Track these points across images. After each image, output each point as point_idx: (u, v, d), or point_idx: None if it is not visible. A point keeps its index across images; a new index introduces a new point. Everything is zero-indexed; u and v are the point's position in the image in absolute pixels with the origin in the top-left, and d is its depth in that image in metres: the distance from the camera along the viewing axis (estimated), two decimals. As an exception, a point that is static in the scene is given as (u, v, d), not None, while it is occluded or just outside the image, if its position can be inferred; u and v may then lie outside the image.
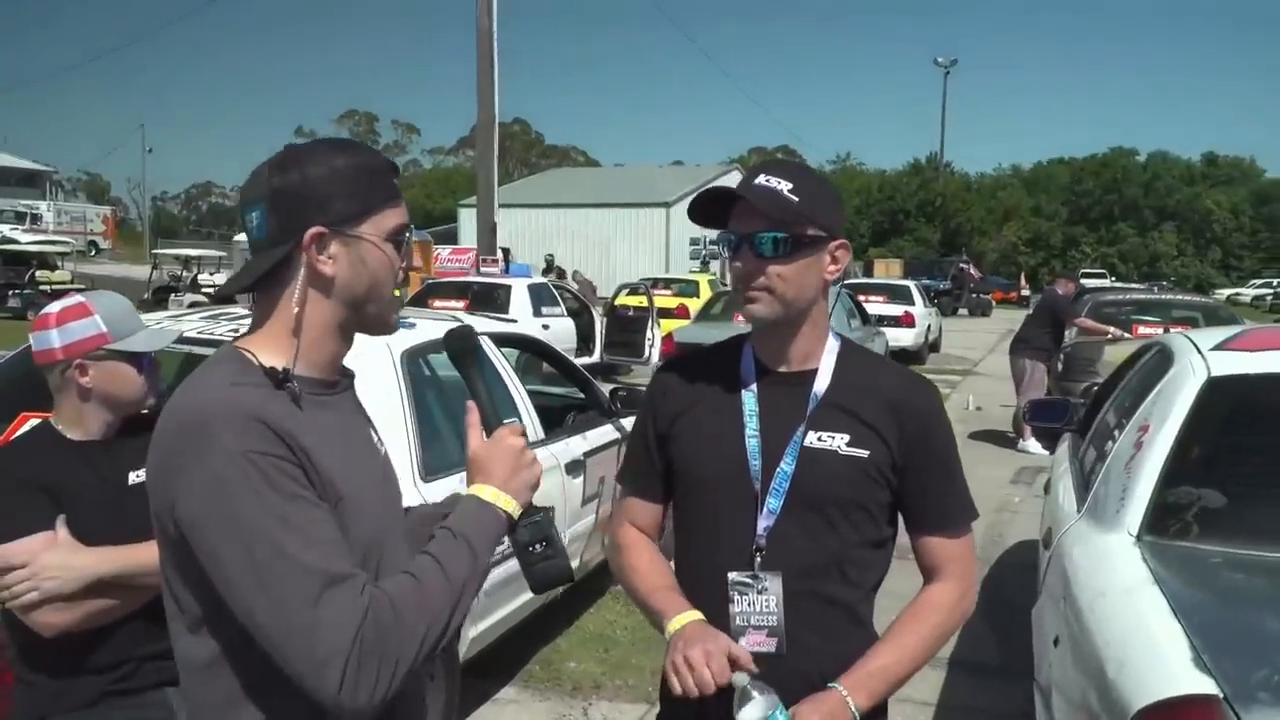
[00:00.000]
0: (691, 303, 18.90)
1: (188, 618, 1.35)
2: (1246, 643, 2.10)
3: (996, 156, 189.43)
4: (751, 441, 1.73)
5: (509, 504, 1.43)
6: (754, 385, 1.77)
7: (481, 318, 5.79)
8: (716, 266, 29.52)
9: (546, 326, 13.00)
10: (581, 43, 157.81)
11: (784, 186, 1.65)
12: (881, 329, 16.18)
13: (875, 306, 17.84)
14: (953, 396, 13.81)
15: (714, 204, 1.74)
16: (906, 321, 18.49)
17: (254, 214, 1.37)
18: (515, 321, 11.57)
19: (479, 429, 1.50)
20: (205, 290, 23.70)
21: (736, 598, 1.72)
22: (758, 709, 1.56)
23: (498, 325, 5.60)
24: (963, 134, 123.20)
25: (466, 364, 1.58)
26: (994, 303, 38.81)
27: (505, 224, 22.25)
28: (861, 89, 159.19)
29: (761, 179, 1.67)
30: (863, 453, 1.70)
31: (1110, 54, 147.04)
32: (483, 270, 16.16)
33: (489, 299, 13.69)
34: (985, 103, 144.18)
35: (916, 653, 1.72)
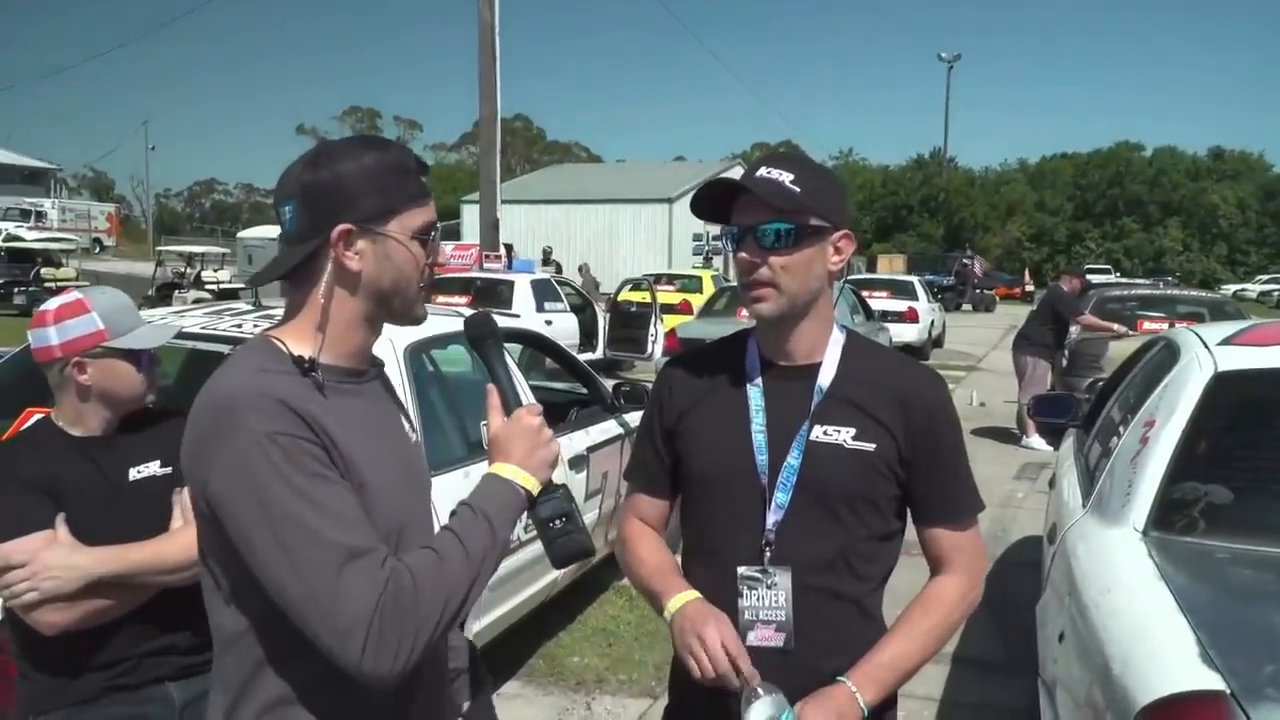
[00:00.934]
0: (694, 298, 18.90)
1: (223, 591, 1.41)
2: (1253, 639, 2.08)
3: (1000, 151, 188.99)
4: (758, 436, 1.73)
5: (528, 481, 1.47)
6: (759, 380, 1.77)
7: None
8: (719, 262, 29.52)
9: (549, 322, 13.00)
10: (583, 38, 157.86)
11: (786, 178, 1.66)
12: (885, 325, 16.18)
13: (879, 302, 17.84)
14: (956, 392, 13.79)
15: (716, 199, 1.74)
16: (910, 317, 18.48)
17: (287, 209, 1.43)
18: (518, 317, 11.58)
19: (499, 410, 1.54)
20: (208, 287, 23.74)
21: (746, 592, 1.71)
22: (765, 708, 1.56)
23: (501, 321, 5.59)
24: (966, 129, 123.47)
25: (486, 348, 1.62)
26: (998, 298, 38.74)
27: (508, 220, 22.25)
28: (865, 84, 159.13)
29: (764, 171, 1.68)
30: (869, 446, 1.69)
31: (1115, 48, 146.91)
32: (485, 266, 16.15)
33: (492, 295, 13.70)
34: (989, 97, 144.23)
35: (924, 645, 1.71)
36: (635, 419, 5.04)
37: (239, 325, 3.87)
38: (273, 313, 4.07)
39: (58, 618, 1.96)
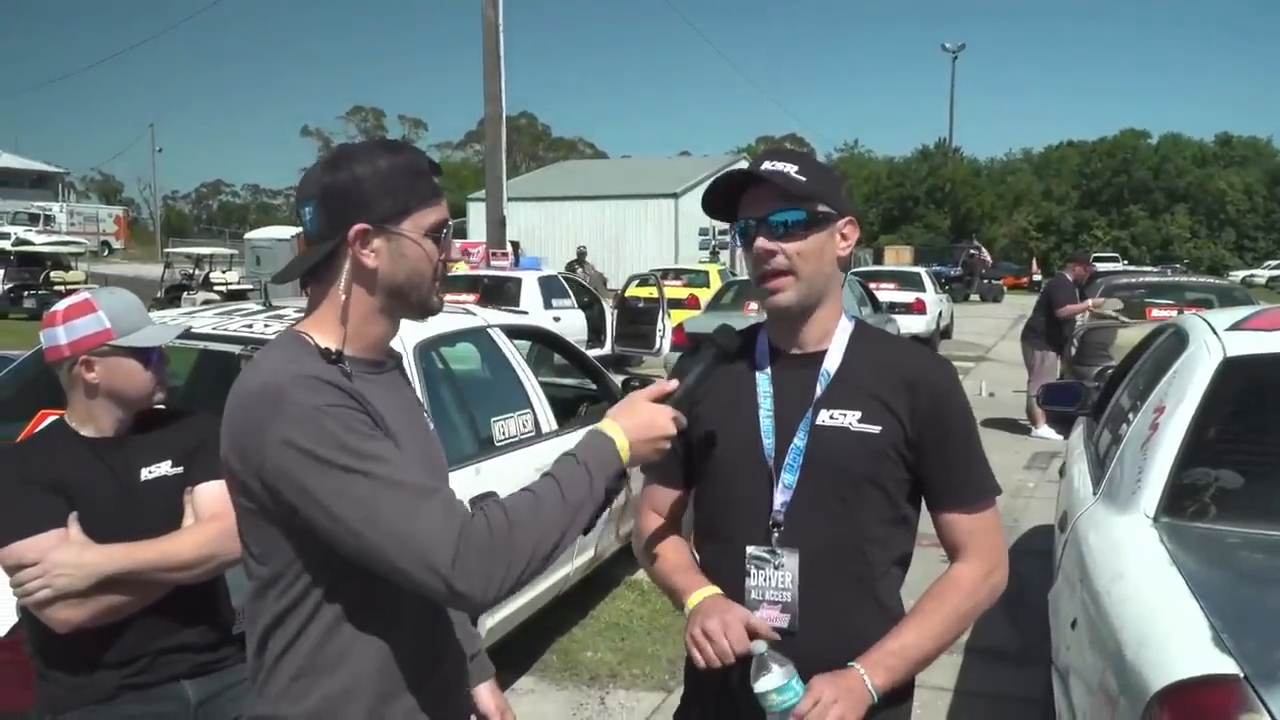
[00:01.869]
0: (702, 293, 18.87)
1: (257, 582, 1.49)
2: (1266, 622, 2.09)
3: (1006, 141, 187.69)
4: (766, 421, 1.76)
5: (624, 451, 1.52)
6: (768, 368, 1.80)
7: (493, 311, 5.80)
8: (726, 256, 29.48)
9: (557, 319, 13.01)
10: (586, 34, 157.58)
11: (790, 169, 1.70)
12: (893, 316, 16.15)
13: (886, 294, 17.80)
14: (965, 383, 13.66)
15: (722, 197, 1.78)
16: (918, 308, 18.43)
17: (307, 209, 1.51)
18: (526, 314, 11.59)
19: (660, 391, 1.62)
20: (217, 288, 23.80)
21: (753, 571, 1.73)
22: (775, 679, 1.58)
23: (510, 318, 5.62)
24: (972, 119, 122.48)
25: (701, 350, 1.73)
26: (1005, 288, 38.62)
27: (514, 217, 22.23)
28: (869, 76, 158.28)
29: (768, 164, 1.72)
30: (874, 429, 1.70)
31: (1120, 35, 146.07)
32: (492, 264, 16.17)
33: (500, 292, 13.71)
34: (994, 87, 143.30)
35: (938, 632, 1.71)
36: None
37: (249, 325, 3.89)
38: (282, 313, 4.09)
39: (70, 615, 1.98)
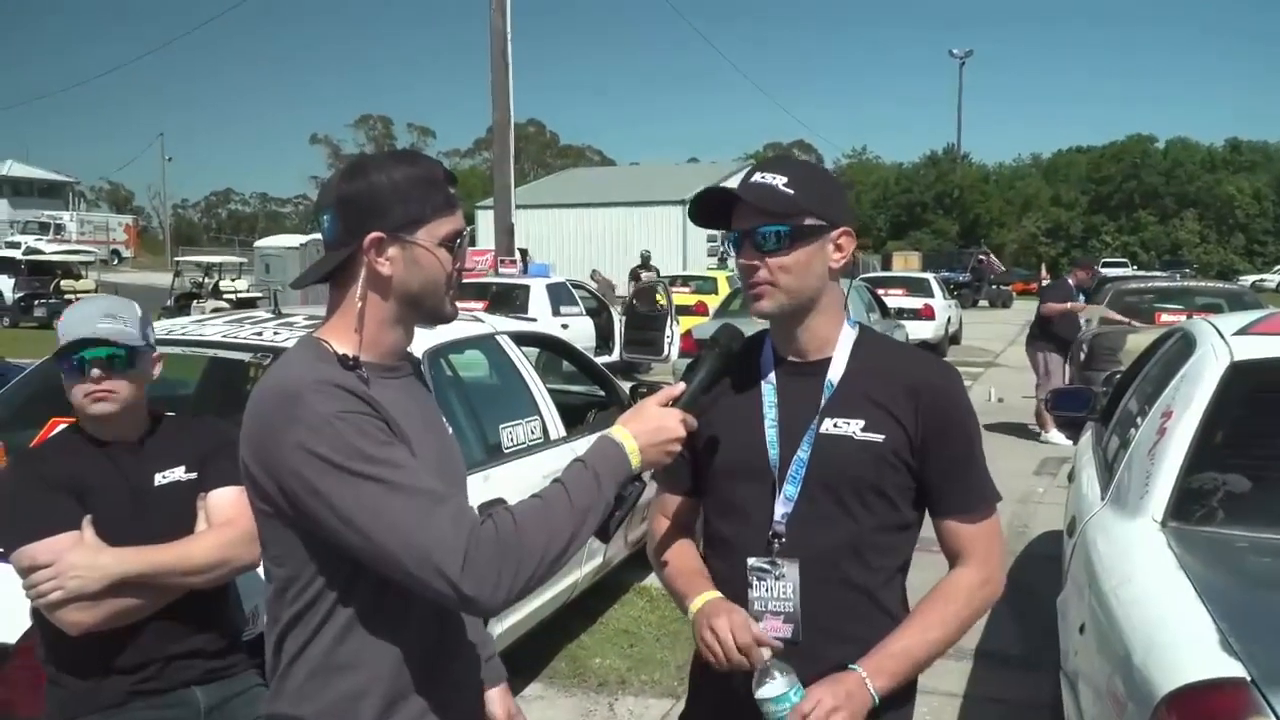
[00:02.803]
0: (710, 299, 18.88)
1: (275, 584, 1.52)
2: (1273, 626, 2.09)
3: (1014, 146, 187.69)
4: (770, 430, 1.76)
5: (634, 456, 1.54)
6: (772, 376, 1.81)
7: (501, 317, 5.83)
8: (733, 263, 29.45)
9: (565, 326, 13.03)
10: (594, 41, 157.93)
11: (779, 181, 1.71)
12: (901, 322, 16.14)
13: (894, 300, 17.79)
14: (974, 388, 13.75)
15: (719, 204, 1.79)
16: (926, 314, 18.43)
17: (325, 217, 1.54)
18: (534, 321, 11.62)
19: (668, 396, 1.64)
20: (226, 296, 23.89)
21: (755, 582, 1.74)
22: (776, 688, 1.60)
23: (519, 325, 5.64)
24: (980, 124, 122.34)
25: (707, 352, 1.74)
26: (1015, 294, 38.53)
27: (522, 224, 22.26)
28: (877, 82, 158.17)
29: (758, 176, 1.73)
30: (878, 437, 1.71)
31: (1128, 40, 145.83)
32: (501, 271, 16.22)
33: (508, 299, 13.76)
34: (1002, 92, 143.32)
35: (938, 636, 1.71)
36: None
37: (259, 333, 3.92)
38: (292, 320, 4.11)
39: (81, 617, 2.00)
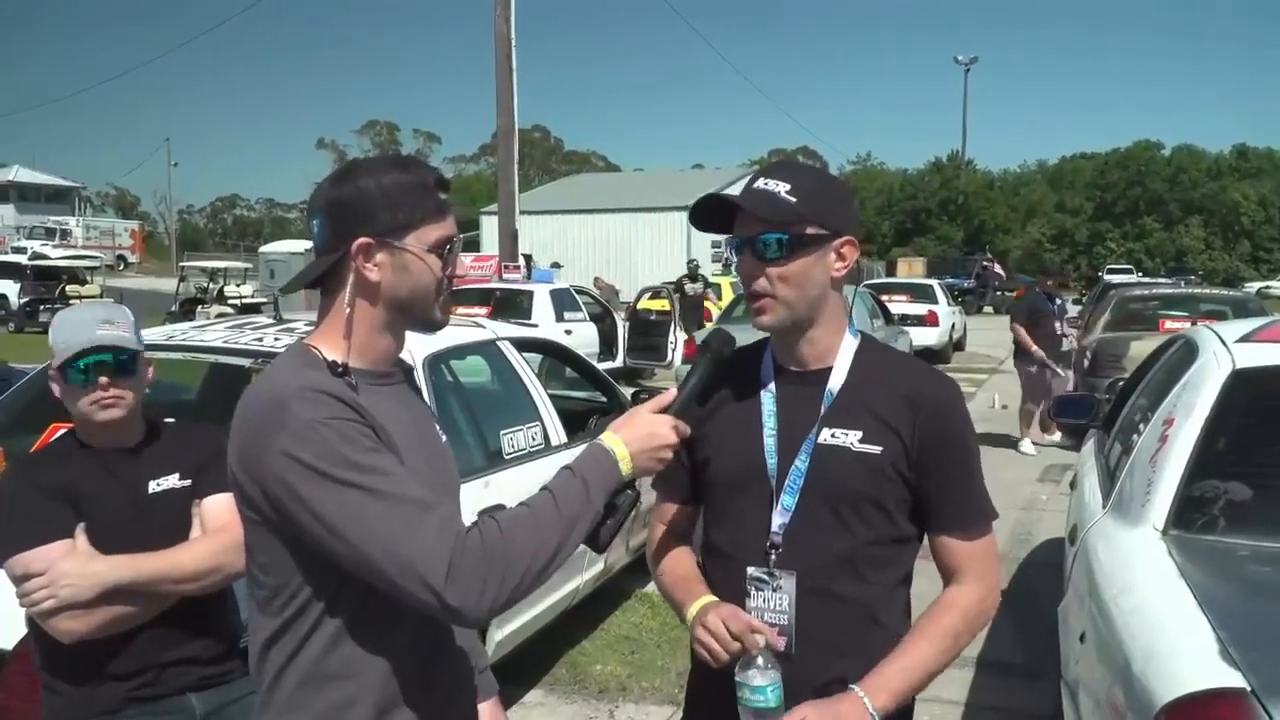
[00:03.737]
0: (714, 305, 18.88)
1: (267, 588, 1.49)
2: (1274, 636, 2.08)
3: (1019, 153, 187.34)
4: (769, 440, 1.75)
5: (625, 463, 1.52)
6: (772, 385, 1.79)
7: (503, 323, 5.82)
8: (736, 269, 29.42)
9: (569, 331, 13.05)
10: (599, 47, 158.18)
11: (781, 188, 1.67)
12: (905, 329, 16.12)
13: (899, 306, 17.78)
14: (978, 395, 13.73)
15: (721, 209, 1.76)
16: (930, 321, 18.41)
17: (315, 222, 1.52)
18: (537, 326, 11.64)
19: (660, 403, 1.61)
20: (231, 301, 23.94)
21: (753, 592, 1.73)
22: (759, 678, 1.60)
23: (520, 331, 5.64)
24: (984, 131, 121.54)
25: (701, 357, 1.71)
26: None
27: (526, 230, 22.29)
28: (881, 88, 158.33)
29: (760, 183, 1.70)
30: (876, 449, 1.69)
31: (1134, 47, 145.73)
32: (504, 277, 16.25)
33: (512, 305, 13.78)
34: (1007, 99, 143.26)
35: (936, 653, 1.69)
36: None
37: (259, 339, 3.92)
38: (293, 326, 4.11)
39: (74, 625, 1.99)
